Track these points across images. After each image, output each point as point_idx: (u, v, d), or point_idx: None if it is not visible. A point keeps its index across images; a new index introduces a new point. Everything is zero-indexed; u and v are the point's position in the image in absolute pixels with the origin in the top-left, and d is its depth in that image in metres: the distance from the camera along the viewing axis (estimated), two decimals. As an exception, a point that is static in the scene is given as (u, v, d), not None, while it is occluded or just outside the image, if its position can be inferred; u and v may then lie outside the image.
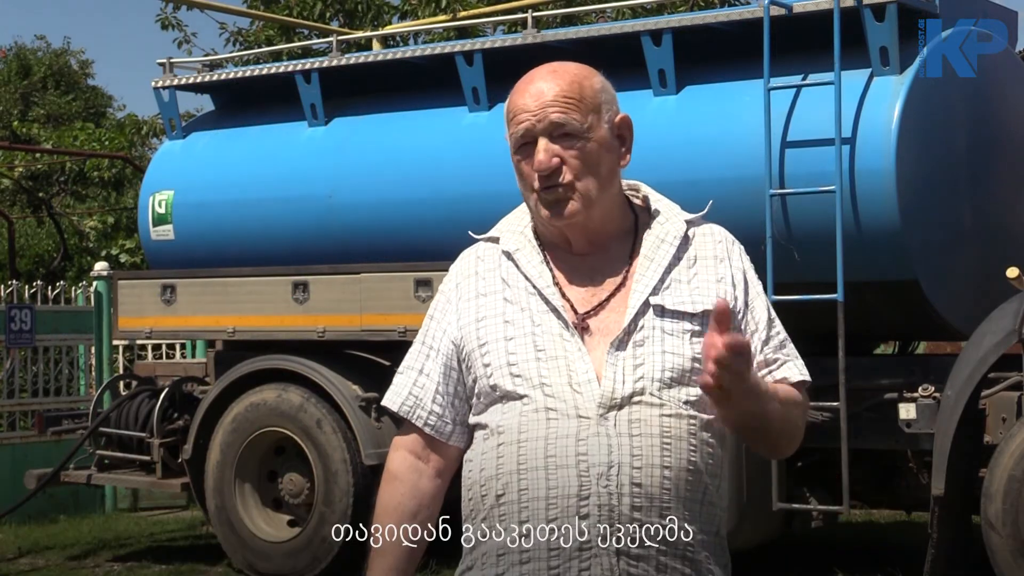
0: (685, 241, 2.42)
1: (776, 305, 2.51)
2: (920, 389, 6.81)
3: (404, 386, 2.51)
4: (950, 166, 7.12)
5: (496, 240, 2.48)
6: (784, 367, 2.45)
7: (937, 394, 6.69)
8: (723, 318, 2.16)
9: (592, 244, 2.41)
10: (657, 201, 2.49)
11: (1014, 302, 6.46)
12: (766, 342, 2.44)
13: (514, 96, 2.41)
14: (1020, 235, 7.53)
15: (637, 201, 2.49)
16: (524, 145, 2.37)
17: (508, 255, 2.44)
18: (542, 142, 2.34)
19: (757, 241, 6.59)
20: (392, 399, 2.51)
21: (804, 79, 6.90)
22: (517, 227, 2.48)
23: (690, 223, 2.46)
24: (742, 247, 2.50)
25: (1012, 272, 6.45)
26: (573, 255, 2.42)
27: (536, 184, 2.36)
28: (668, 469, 2.27)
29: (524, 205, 2.48)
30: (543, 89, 2.37)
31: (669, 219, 2.45)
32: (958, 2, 7.14)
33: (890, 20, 6.69)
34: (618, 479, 2.25)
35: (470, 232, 2.56)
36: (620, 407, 2.28)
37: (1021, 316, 6.35)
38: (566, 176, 2.34)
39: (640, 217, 2.47)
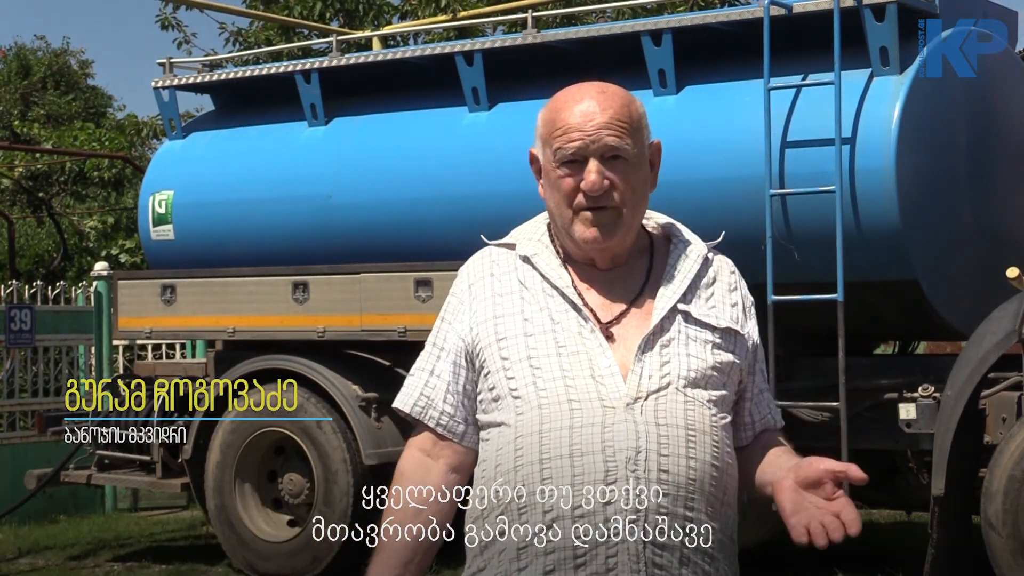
0: (706, 262, 2.47)
1: (776, 305, 2.53)
2: (920, 389, 6.80)
3: (415, 387, 2.50)
4: (950, 166, 7.12)
5: (511, 246, 2.48)
6: (771, 409, 2.55)
7: (937, 394, 6.68)
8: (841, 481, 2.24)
9: (614, 260, 2.44)
10: (674, 225, 2.54)
11: (1014, 302, 6.46)
12: (759, 377, 2.51)
13: (561, 112, 2.39)
14: (1020, 235, 7.53)
15: (650, 226, 2.53)
16: (570, 162, 2.37)
17: (526, 259, 2.44)
18: (593, 163, 2.35)
19: (757, 241, 6.59)
20: (404, 400, 2.51)
21: (804, 79, 6.90)
22: (533, 235, 2.49)
23: (710, 248, 2.52)
24: (745, 283, 2.57)
25: (1012, 272, 6.45)
26: (593, 268, 2.44)
27: (581, 203, 2.37)
28: (694, 460, 2.29)
29: (538, 217, 2.50)
30: (595, 109, 2.37)
31: (691, 241, 2.50)
32: (958, 2, 7.14)
33: (890, 20, 6.69)
34: (646, 464, 2.25)
35: (482, 236, 2.57)
36: (646, 398, 2.30)
37: (1021, 316, 6.35)
38: (614, 199, 2.36)
39: (655, 239, 2.50)
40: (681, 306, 2.39)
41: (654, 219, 2.53)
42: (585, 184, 2.35)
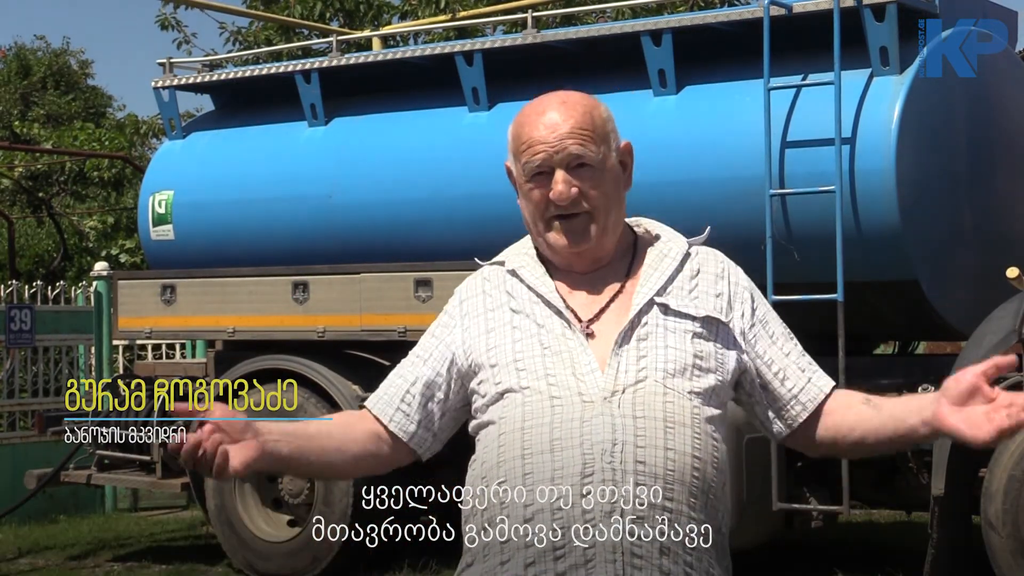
0: (687, 258, 2.50)
1: (776, 305, 2.54)
2: (920, 389, 6.80)
3: (382, 386, 2.56)
4: (950, 166, 7.11)
5: (501, 263, 2.55)
6: (822, 376, 2.54)
7: (937, 394, 6.67)
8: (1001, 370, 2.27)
9: (595, 263, 2.49)
10: (659, 228, 2.57)
11: (1014, 302, 6.46)
12: (790, 352, 2.53)
13: (525, 127, 2.47)
14: (1020, 235, 7.53)
15: (638, 229, 2.57)
16: (538, 174, 2.44)
17: (512, 272, 2.51)
18: (560, 173, 2.42)
19: (757, 241, 6.59)
20: (370, 399, 2.57)
21: (804, 79, 6.90)
22: (521, 250, 2.56)
23: (691, 244, 2.54)
24: (741, 270, 2.57)
25: (1012, 272, 6.45)
26: (575, 273, 2.49)
27: (551, 212, 2.43)
28: (672, 451, 2.30)
29: (525, 238, 2.56)
30: (557, 120, 2.43)
31: (671, 239, 2.53)
32: (958, 2, 7.14)
33: (890, 20, 6.69)
34: (622, 456, 2.28)
35: (476, 259, 2.62)
36: (623, 392, 2.33)
37: (1021, 316, 6.34)
38: (584, 206, 2.42)
39: (639, 239, 2.54)
40: (659, 299, 2.42)
41: (642, 224, 2.58)
42: (553, 194, 2.42)
